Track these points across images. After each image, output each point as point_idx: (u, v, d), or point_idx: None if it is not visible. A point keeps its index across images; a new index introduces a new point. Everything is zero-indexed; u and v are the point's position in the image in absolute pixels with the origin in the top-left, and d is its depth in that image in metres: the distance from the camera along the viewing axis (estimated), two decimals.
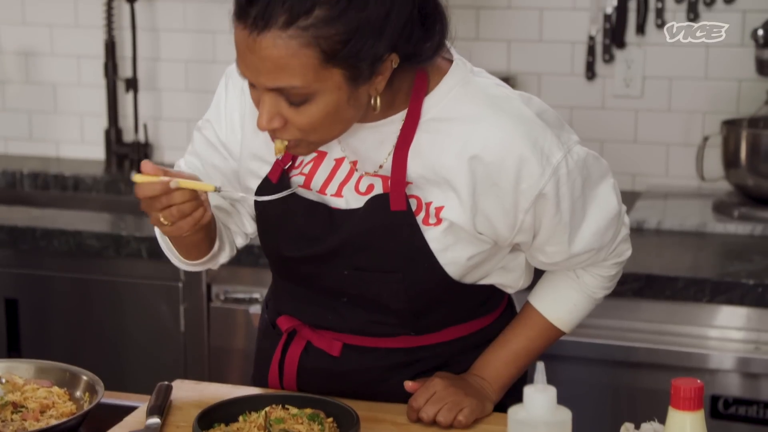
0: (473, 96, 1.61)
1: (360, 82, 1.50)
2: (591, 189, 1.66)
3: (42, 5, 3.38)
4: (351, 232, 1.65)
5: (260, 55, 1.46)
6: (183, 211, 1.58)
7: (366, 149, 1.65)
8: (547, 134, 1.60)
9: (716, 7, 2.93)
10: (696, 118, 2.99)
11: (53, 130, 3.45)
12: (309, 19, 1.43)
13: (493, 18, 3.06)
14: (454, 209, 1.61)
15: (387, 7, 1.47)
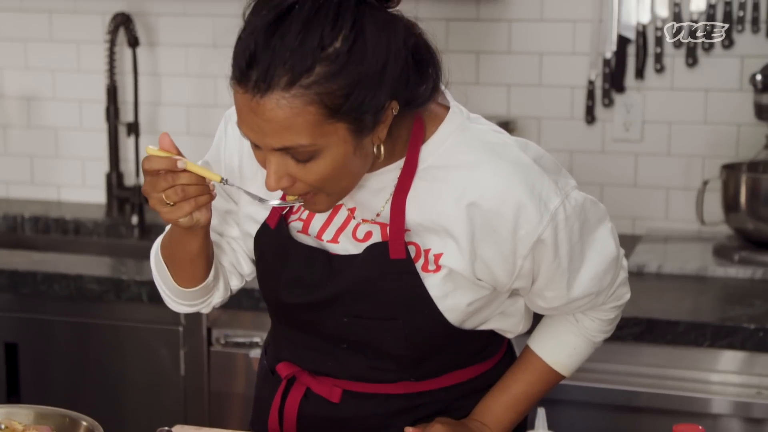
0: (470, 143, 1.62)
1: (364, 133, 1.51)
2: (589, 234, 1.66)
3: (45, 51, 3.39)
4: (350, 280, 1.65)
5: (264, 116, 1.45)
6: (187, 192, 1.55)
7: (364, 197, 1.65)
8: (544, 180, 1.60)
9: (714, 52, 2.95)
10: (696, 162, 3.00)
11: (55, 174, 3.45)
12: (311, 77, 1.43)
13: (493, 62, 3.08)
14: (453, 256, 1.62)
15: (384, 56, 1.47)
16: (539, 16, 3.05)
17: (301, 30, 1.43)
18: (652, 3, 2.96)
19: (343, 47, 1.44)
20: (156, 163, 1.54)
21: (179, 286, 1.78)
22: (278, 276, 1.70)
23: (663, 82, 3.00)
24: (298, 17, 1.43)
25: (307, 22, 1.43)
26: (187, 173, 1.54)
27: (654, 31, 2.97)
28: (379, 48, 1.47)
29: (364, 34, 1.45)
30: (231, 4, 3.22)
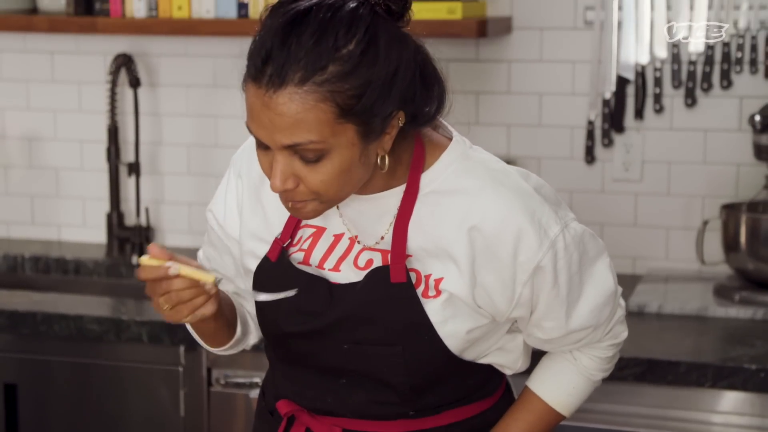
0: (473, 170, 1.65)
1: (371, 138, 1.54)
2: (588, 266, 1.68)
3: (46, 91, 3.41)
4: (351, 305, 1.66)
5: (277, 111, 1.49)
6: (181, 298, 1.61)
7: (367, 222, 1.67)
8: (544, 208, 1.64)
9: (713, 92, 2.96)
10: (695, 202, 3.01)
11: (55, 214, 3.46)
12: (324, 74, 1.48)
13: (492, 102, 3.09)
14: (454, 280, 1.63)
15: (395, 64, 1.52)
16: (539, 56, 3.06)
17: (317, 31, 1.48)
18: (650, 44, 2.98)
19: (356, 50, 1.48)
20: (148, 273, 1.60)
21: (209, 347, 1.86)
22: (278, 306, 1.71)
23: (662, 123, 3.01)
24: (314, 20, 1.49)
25: (323, 25, 1.48)
26: (180, 278, 1.60)
27: (653, 71, 2.99)
28: (390, 56, 1.52)
29: (377, 41, 1.50)
30: (231, 44, 3.24)
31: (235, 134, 3.27)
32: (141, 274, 1.61)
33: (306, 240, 1.72)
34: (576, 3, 3.02)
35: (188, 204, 3.36)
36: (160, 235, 3.37)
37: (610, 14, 2.98)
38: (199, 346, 2.00)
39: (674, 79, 2.97)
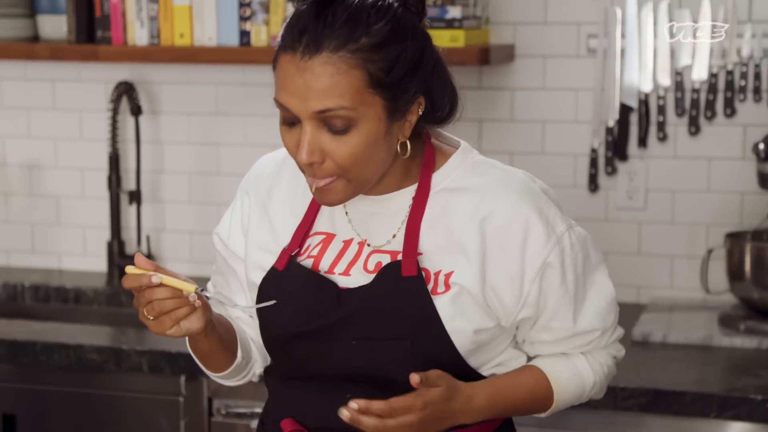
0: (482, 170, 1.75)
1: (396, 117, 1.64)
2: (591, 272, 1.77)
3: (47, 119, 3.41)
4: (361, 300, 1.70)
5: (311, 73, 1.58)
6: (163, 308, 1.65)
7: (377, 223, 1.74)
8: (551, 207, 1.72)
9: (717, 121, 2.96)
10: (699, 230, 3.00)
11: (55, 242, 3.45)
12: (357, 44, 1.58)
13: (495, 130, 3.09)
14: (464, 273, 1.69)
15: (420, 47, 1.65)
16: (542, 84, 3.06)
17: (350, 8, 1.60)
18: (654, 71, 2.98)
19: (386, 27, 1.60)
20: (132, 281, 1.65)
21: (210, 371, 1.87)
22: (284, 308, 1.74)
23: (666, 151, 3.00)
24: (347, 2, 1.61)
25: (355, 5, 1.60)
26: (163, 288, 1.65)
27: (656, 99, 2.99)
28: (416, 38, 1.64)
29: (404, 24, 1.63)
30: (233, 72, 3.24)
31: (237, 162, 3.27)
32: (125, 283, 1.66)
33: (315, 247, 1.77)
34: (579, 31, 3.02)
35: (189, 232, 3.35)
36: (161, 263, 3.36)
37: (613, 42, 2.98)
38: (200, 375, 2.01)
39: (678, 107, 2.97)
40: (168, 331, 1.67)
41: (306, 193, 1.80)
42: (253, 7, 3.05)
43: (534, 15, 3.05)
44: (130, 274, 1.66)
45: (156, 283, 1.64)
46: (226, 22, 3.08)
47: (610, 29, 2.99)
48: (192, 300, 1.66)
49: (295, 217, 1.80)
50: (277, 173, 1.85)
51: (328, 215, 1.79)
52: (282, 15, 3.03)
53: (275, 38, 3.02)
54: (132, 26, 3.13)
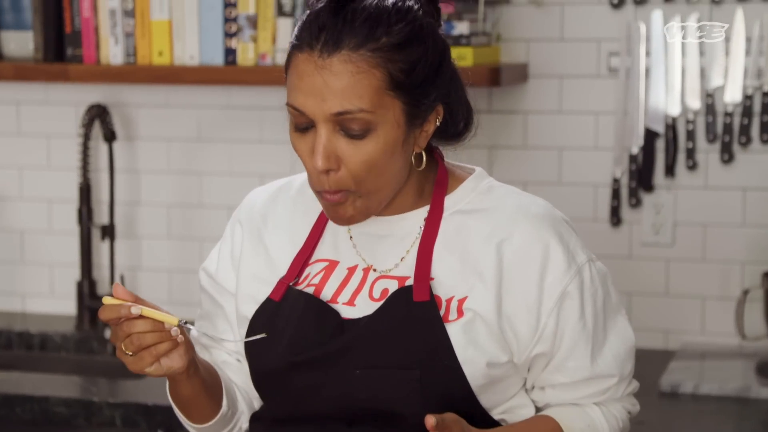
0: (499, 194, 1.79)
1: (415, 124, 1.68)
2: (612, 313, 1.79)
3: (11, 146, 3.40)
4: (367, 326, 1.71)
5: (330, 71, 1.62)
6: (143, 342, 1.66)
7: (385, 246, 1.77)
8: (572, 235, 1.76)
9: (752, 147, 2.95)
10: (734, 268, 2.99)
11: (19, 282, 3.44)
12: (377, 44, 1.64)
13: (507, 158, 3.08)
14: (479, 298, 1.71)
15: (440, 51, 1.70)
16: (558, 107, 3.06)
17: (371, 8, 1.65)
18: (682, 93, 2.97)
19: (407, 28, 1.65)
20: (109, 313, 1.66)
21: (192, 423, 1.86)
22: (280, 336, 1.75)
23: (696, 180, 3.00)
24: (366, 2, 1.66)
25: (376, 4, 1.66)
26: (143, 320, 1.66)
27: (685, 124, 2.98)
28: (437, 42, 1.70)
29: (425, 27, 1.68)
30: (217, 93, 3.24)
31: (221, 193, 3.26)
32: (101, 314, 1.67)
33: (316, 275, 1.79)
34: (599, 48, 3.02)
35: (168, 271, 3.34)
36: None
37: (636, 61, 2.98)
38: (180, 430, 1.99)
39: (709, 133, 2.97)
40: (147, 369, 1.67)
41: (305, 218, 1.82)
42: (239, 23, 3.05)
43: (549, 31, 3.05)
44: (108, 305, 1.66)
45: (136, 315, 1.65)
46: (210, 38, 3.08)
47: (633, 46, 2.98)
48: (174, 334, 1.66)
49: (294, 245, 1.82)
50: (273, 200, 1.88)
51: (331, 241, 1.81)
52: (271, 31, 3.03)
53: (264, 56, 3.03)
54: (106, 43, 3.13)
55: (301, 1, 3.00)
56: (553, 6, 3.03)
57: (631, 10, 2.99)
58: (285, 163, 3.17)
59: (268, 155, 3.22)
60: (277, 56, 3.04)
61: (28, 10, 3.24)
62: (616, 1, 2.99)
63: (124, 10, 3.11)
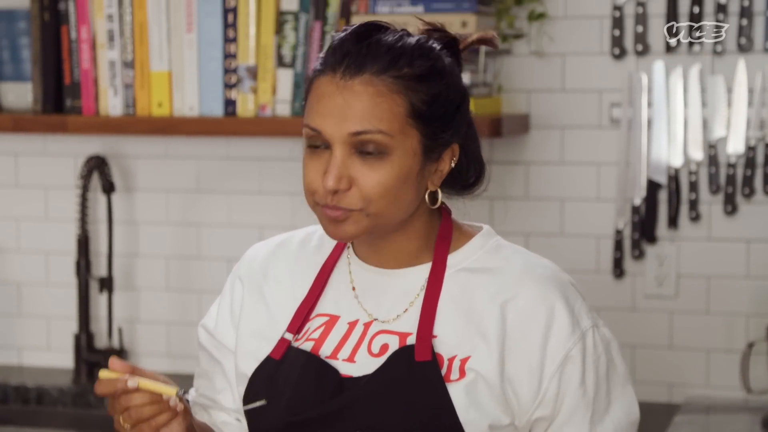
0: (507, 253, 1.78)
1: (431, 159, 1.70)
2: (617, 382, 1.75)
3: (9, 197, 3.40)
4: (367, 386, 1.70)
5: (351, 91, 1.65)
6: (141, 415, 1.66)
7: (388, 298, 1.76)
8: (578, 299, 1.75)
9: (756, 199, 2.95)
10: (738, 321, 2.97)
11: (16, 335, 3.42)
12: (400, 72, 1.66)
13: (509, 209, 3.08)
14: (482, 358, 1.70)
15: (461, 91, 1.73)
16: (560, 158, 3.06)
17: (395, 39, 1.69)
18: (684, 144, 2.98)
19: (428, 63, 1.68)
20: (105, 387, 1.67)
21: None
22: (280, 396, 1.74)
23: (699, 232, 2.99)
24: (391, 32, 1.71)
25: (400, 38, 1.70)
26: (141, 393, 1.66)
27: (688, 175, 2.98)
28: (458, 82, 1.73)
29: (447, 67, 1.71)
30: (217, 144, 3.24)
31: (220, 245, 3.25)
32: (97, 389, 1.67)
33: (315, 330, 1.78)
34: (601, 99, 3.03)
35: (166, 324, 3.32)
36: (135, 358, 3.33)
37: (638, 111, 2.98)
38: None
39: (712, 184, 2.96)
40: None
41: (307, 273, 1.81)
42: (239, 74, 3.06)
43: (551, 82, 3.05)
44: (103, 379, 1.66)
45: (132, 388, 1.65)
46: (210, 89, 3.08)
47: (635, 97, 2.99)
48: (173, 404, 1.67)
49: (295, 300, 1.81)
50: (274, 255, 1.87)
51: (333, 296, 1.80)
52: (271, 82, 3.04)
53: (264, 107, 3.04)
54: (105, 94, 3.13)
55: (301, 53, 3.01)
56: (554, 57, 3.04)
57: (632, 61, 3.00)
58: (285, 215, 3.17)
59: (267, 207, 3.22)
60: (277, 107, 3.04)
61: (28, 61, 3.25)
62: (617, 52, 2.99)
63: (123, 62, 3.12)
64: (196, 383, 1.92)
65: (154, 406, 1.66)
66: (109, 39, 3.12)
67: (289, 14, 3.03)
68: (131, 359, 3.33)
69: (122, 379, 1.65)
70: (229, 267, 1.94)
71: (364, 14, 2.92)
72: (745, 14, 2.92)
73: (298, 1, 3.02)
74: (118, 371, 1.66)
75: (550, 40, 3.03)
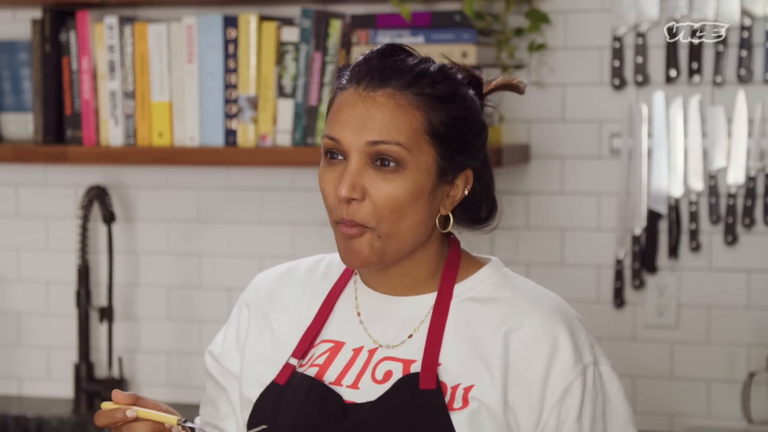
0: (515, 284, 1.79)
1: (445, 180, 1.71)
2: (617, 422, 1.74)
3: (9, 227, 3.40)
4: (370, 413, 1.70)
5: (373, 101, 1.68)
6: None
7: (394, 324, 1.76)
8: (582, 333, 1.75)
9: (756, 229, 2.95)
10: (739, 351, 2.97)
11: (16, 365, 3.42)
12: (422, 90, 1.69)
13: (509, 239, 3.08)
14: (485, 388, 1.70)
15: (480, 123, 1.75)
16: (560, 188, 3.06)
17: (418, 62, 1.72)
18: (685, 174, 2.98)
19: (449, 87, 1.72)
20: (104, 418, 1.68)
21: None
22: (283, 422, 1.74)
23: (700, 262, 2.99)
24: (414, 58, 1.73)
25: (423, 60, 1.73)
26: (142, 423, 1.67)
27: (688, 205, 2.99)
28: (477, 115, 1.75)
29: (468, 96, 1.74)
30: (218, 174, 3.25)
31: (221, 275, 3.25)
32: (97, 421, 1.67)
33: (320, 356, 1.78)
34: (601, 129, 3.04)
35: (167, 353, 3.32)
36: (135, 388, 3.33)
37: (638, 142, 2.99)
38: None
39: (712, 214, 2.97)
40: None
41: (313, 300, 1.82)
42: (239, 104, 3.07)
43: (551, 112, 3.06)
44: (102, 411, 1.67)
45: (132, 418, 1.66)
46: (210, 120, 3.09)
47: (635, 128, 3.00)
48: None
49: (300, 326, 1.82)
50: (281, 281, 1.88)
51: (338, 322, 1.80)
52: (272, 112, 3.05)
53: (264, 137, 3.05)
54: (106, 125, 3.14)
55: (302, 83, 3.02)
56: (554, 87, 3.05)
57: (632, 92, 3.01)
58: (285, 244, 3.17)
59: (268, 236, 3.22)
60: (278, 137, 3.05)
61: (29, 92, 3.26)
62: (617, 83, 3.00)
63: (124, 92, 3.13)
64: (201, 410, 1.92)
65: None
66: (110, 70, 3.14)
67: (289, 45, 3.04)
68: (131, 389, 3.32)
69: (121, 410, 1.66)
70: (230, 296, 1.95)
71: (365, 45, 2.94)
72: (744, 45, 2.94)
73: (298, 32, 3.03)
74: (121, 402, 1.67)
75: (550, 70, 3.05)
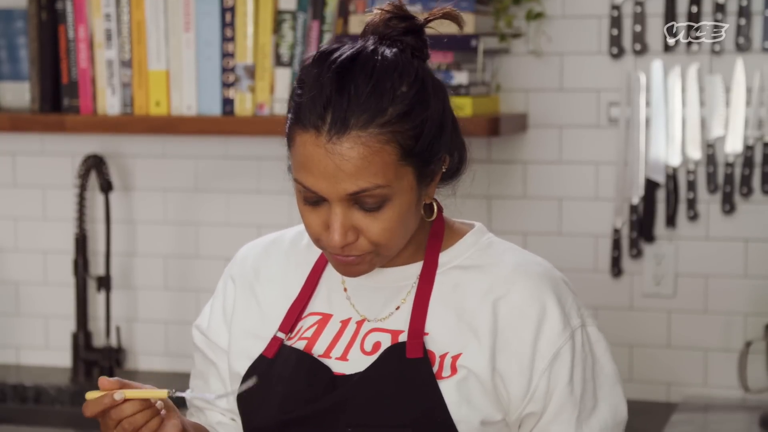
0: (499, 250, 1.79)
1: (426, 183, 1.69)
2: (605, 381, 1.76)
3: (7, 197, 3.40)
4: (359, 384, 1.71)
5: (343, 155, 1.61)
6: (135, 423, 1.67)
7: (380, 297, 1.77)
8: (569, 297, 1.76)
9: (754, 198, 2.95)
10: (736, 320, 2.98)
11: (14, 334, 3.42)
12: (385, 116, 1.62)
13: (506, 208, 3.08)
14: (473, 355, 1.71)
15: (442, 105, 1.70)
16: (558, 157, 3.06)
17: (372, 76, 1.63)
18: (683, 143, 2.98)
19: (410, 91, 1.65)
20: (93, 407, 1.68)
21: None
22: (273, 394, 1.75)
23: (697, 231, 3.00)
24: (365, 66, 1.64)
25: (376, 70, 1.64)
26: (130, 402, 1.68)
27: (686, 174, 2.99)
28: (438, 95, 1.69)
29: (424, 82, 1.67)
30: (215, 143, 3.25)
31: (218, 244, 3.26)
32: (86, 411, 1.68)
33: (308, 329, 1.78)
34: (599, 98, 3.03)
35: (164, 322, 3.33)
36: (133, 357, 3.34)
37: (636, 111, 2.99)
38: None
39: (710, 183, 2.97)
40: None
41: (298, 272, 1.82)
42: (236, 73, 3.06)
43: (549, 81, 3.06)
44: (89, 400, 1.68)
45: (120, 400, 1.67)
46: (207, 89, 3.09)
47: (633, 97, 2.99)
48: (159, 407, 1.70)
49: (287, 299, 1.82)
50: (265, 253, 1.87)
51: (325, 294, 1.80)
52: (269, 81, 3.04)
53: (262, 106, 3.05)
54: (102, 94, 3.14)
55: (299, 52, 3.02)
56: (552, 56, 3.05)
57: (630, 60, 3.00)
58: (283, 214, 3.18)
59: (265, 205, 3.23)
60: (275, 106, 3.05)
61: (25, 60, 3.26)
62: (615, 51, 3.00)
63: (121, 61, 3.13)
64: (191, 383, 1.93)
65: (146, 412, 1.68)
66: (106, 38, 3.13)
67: (287, 13, 3.04)
68: (129, 358, 3.33)
69: (109, 395, 1.66)
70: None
71: (362, 14, 2.93)
72: (743, 14, 2.93)
73: (296, 1, 3.02)
74: (107, 388, 1.67)
75: (548, 39, 3.04)
